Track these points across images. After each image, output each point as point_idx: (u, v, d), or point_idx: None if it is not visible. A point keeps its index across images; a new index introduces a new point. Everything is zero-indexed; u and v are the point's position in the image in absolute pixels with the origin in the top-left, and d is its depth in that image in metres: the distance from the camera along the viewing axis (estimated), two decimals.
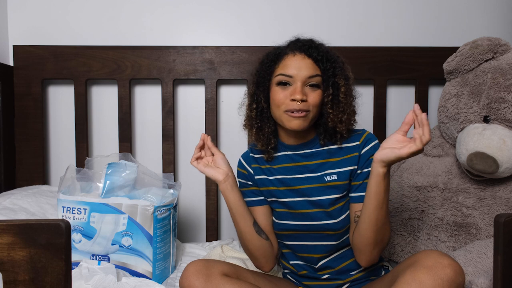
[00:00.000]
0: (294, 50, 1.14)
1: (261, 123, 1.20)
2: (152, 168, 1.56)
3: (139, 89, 1.87)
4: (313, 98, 1.12)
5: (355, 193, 1.16)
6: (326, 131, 1.17)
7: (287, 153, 1.22)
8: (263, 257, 1.22)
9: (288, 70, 1.12)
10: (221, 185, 1.18)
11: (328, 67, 1.13)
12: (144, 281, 1.27)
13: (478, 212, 1.42)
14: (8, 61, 1.81)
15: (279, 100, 1.13)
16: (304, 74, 1.11)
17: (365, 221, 1.07)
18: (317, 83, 1.13)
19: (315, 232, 1.17)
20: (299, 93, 1.09)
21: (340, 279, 1.20)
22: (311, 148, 1.20)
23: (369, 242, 1.08)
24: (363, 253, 1.11)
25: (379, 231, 1.07)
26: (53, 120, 1.86)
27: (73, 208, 1.37)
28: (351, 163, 1.16)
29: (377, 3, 1.87)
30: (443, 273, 0.91)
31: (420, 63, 1.78)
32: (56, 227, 0.68)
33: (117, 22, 1.84)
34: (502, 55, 1.45)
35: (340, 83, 1.14)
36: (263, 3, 1.85)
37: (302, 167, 1.20)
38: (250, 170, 1.26)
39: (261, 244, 1.20)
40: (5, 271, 0.67)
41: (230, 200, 1.18)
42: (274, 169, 1.23)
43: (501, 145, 1.33)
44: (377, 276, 1.21)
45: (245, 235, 1.20)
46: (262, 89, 1.18)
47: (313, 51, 1.14)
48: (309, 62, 1.13)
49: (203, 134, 1.21)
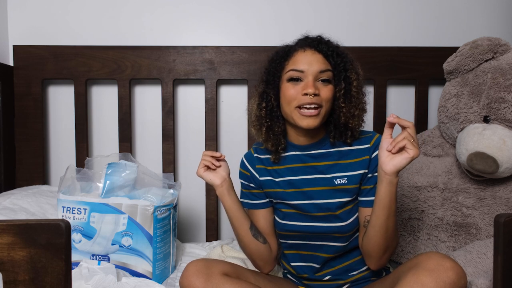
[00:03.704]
0: (304, 46, 1.14)
1: (271, 122, 1.18)
2: (152, 168, 1.56)
3: (139, 89, 1.87)
4: (325, 92, 1.11)
5: (365, 198, 1.14)
6: (337, 128, 1.16)
7: (296, 153, 1.20)
8: (261, 260, 1.22)
9: (299, 65, 1.11)
10: (218, 190, 1.18)
11: (339, 62, 1.13)
12: (144, 281, 1.27)
13: (478, 212, 1.42)
14: (8, 61, 1.81)
15: (290, 96, 1.11)
16: (315, 68, 1.10)
17: (376, 229, 1.06)
18: (328, 78, 1.12)
19: (323, 234, 1.16)
20: (311, 86, 1.08)
21: (341, 280, 1.20)
22: (321, 148, 1.18)
23: (380, 248, 1.08)
24: (373, 258, 1.11)
25: (390, 238, 1.07)
26: (53, 120, 1.86)
27: (73, 208, 1.37)
28: (362, 167, 1.14)
29: (377, 3, 1.87)
30: (445, 276, 0.91)
31: (420, 63, 1.78)
32: (56, 227, 0.68)
33: (117, 22, 1.84)
34: (502, 55, 1.45)
35: (352, 77, 1.13)
36: (263, 3, 1.85)
37: (310, 168, 1.18)
38: (253, 172, 1.24)
39: (258, 247, 1.20)
40: (5, 271, 0.67)
41: (227, 204, 1.19)
42: (281, 170, 1.21)
43: (501, 145, 1.33)
44: (378, 277, 1.21)
45: (242, 238, 1.20)
46: (272, 86, 1.16)
47: (323, 46, 1.14)
48: (319, 57, 1.12)
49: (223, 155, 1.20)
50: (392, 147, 0.99)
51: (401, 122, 0.99)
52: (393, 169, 1.00)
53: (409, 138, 0.98)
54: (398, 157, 1.00)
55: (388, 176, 1.01)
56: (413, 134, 0.99)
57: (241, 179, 1.27)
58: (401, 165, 1.00)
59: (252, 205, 1.24)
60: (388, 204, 1.03)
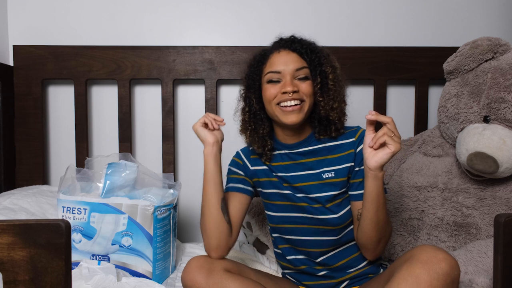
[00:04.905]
0: (278, 47, 1.18)
1: (255, 125, 1.22)
2: (152, 168, 1.56)
3: (139, 89, 1.87)
4: (304, 88, 1.14)
5: (355, 191, 1.16)
6: (321, 123, 1.19)
7: (285, 151, 1.23)
8: (216, 237, 1.15)
9: (275, 66, 1.16)
10: (207, 148, 1.17)
11: (313, 58, 1.16)
12: (144, 281, 1.27)
13: (478, 212, 1.42)
14: (8, 61, 1.81)
15: (270, 95, 1.15)
16: (291, 67, 1.14)
17: (367, 222, 1.09)
18: (305, 75, 1.15)
19: (315, 227, 1.18)
20: (289, 85, 1.12)
21: (338, 277, 1.21)
22: (308, 146, 1.21)
23: (373, 240, 1.11)
24: (369, 249, 1.15)
25: (382, 229, 1.10)
26: (53, 120, 1.86)
27: (73, 208, 1.37)
28: (347, 160, 1.18)
29: (377, 3, 1.87)
30: (438, 267, 0.93)
31: (420, 63, 1.78)
32: (56, 227, 0.68)
33: (117, 22, 1.84)
34: (502, 55, 1.45)
35: (327, 71, 1.16)
36: (263, 3, 1.85)
37: (300, 165, 1.21)
38: (246, 161, 1.27)
39: (220, 223, 1.15)
40: (5, 271, 0.67)
41: (209, 166, 1.17)
42: (274, 166, 1.24)
43: (501, 145, 1.33)
44: (375, 274, 1.22)
45: (208, 207, 1.16)
46: (253, 90, 1.21)
47: (296, 45, 1.17)
48: (294, 56, 1.16)
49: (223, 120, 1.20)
50: (373, 143, 1.03)
51: (379, 118, 1.02)
52: (376, 164, 1.04)
53: (389, 134, 1.01)
54: (380, 152, 1.03)
55: (373, 171, 1.05)
56: (393, 129, 1.01)
57: (230, 166, 1.29)
58: (383, 160, 1.03)
59: (233, 188, 1.24)
60: (376, 198, 1.06)
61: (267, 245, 1.58)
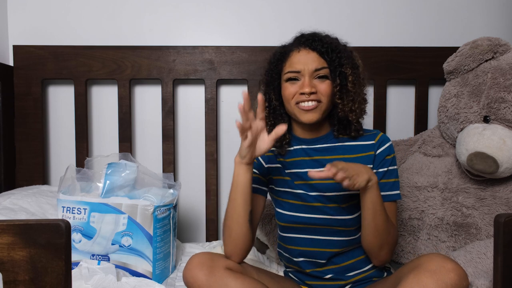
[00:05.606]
0: (298, 46, 1.17)
1: (275, 121, 1.21)
2: (152, 168, 1.56)
3: (139, 89, 1.87)
4: (323, 88, 1.14)
5: None
6: (340, 123, 1.19)
7: (302, 146, 1.22)
8: (241, 247, 1.14)
9: (294, 66, 1.15)
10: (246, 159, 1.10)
11: (334, 58, 1.15)
12: (144, 281, 1.27)
13: (478, 212, 1.42)
14: (8, 61, 1.81)
15: (289, 95, 1.16)
16: (310, 68, 1.14)
17: (366, 228, 1.10)
18: (325, 75, 1.15)
19: (328, 227, 1.17)
20: (307, 86, 1.12)
21: (343, 279, 1.20)
22: (326, 142, 1.21)
23: (374, 246, 1.12)
24: (372, 255, 1.15)
25: (382, 235, 1.10)
26: (53, 120, 1.86)
27: (73, 208, 1.37)
28: (366, 162, 1.17)
29: (377, 3, 1.87)
30: (447, 278, 0.92)
31: (420, 63, 1.78)
32: (56, 227, 0.68)
33: (117, 22, 1.84)
34: (502, 55, 1.45)
35: (347, 72, 1.15)
36: (263, 3, 1.85)
37: (316, 162, 1.19)
38: (260, 159, 1.25)
39: (246, 233, 1.13)
40: (5, 271, 0.67)
41: (245, 178, 1.10)
42: (288, 162, 1.22)
43: (501, 145, 1.33)
44: (379, 278, 1.21)
45: (238, 218, 1.12)
46: (272, 87, 1.21)
47: (317, 44, 1.16)
48: (314, 55, 1.15)
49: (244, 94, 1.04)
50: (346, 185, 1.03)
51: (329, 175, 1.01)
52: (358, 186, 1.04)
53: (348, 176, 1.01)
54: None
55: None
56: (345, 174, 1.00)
57: None
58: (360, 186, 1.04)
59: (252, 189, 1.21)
60: (371, 206, 1.07)
61: (267, 245, 1.58)
